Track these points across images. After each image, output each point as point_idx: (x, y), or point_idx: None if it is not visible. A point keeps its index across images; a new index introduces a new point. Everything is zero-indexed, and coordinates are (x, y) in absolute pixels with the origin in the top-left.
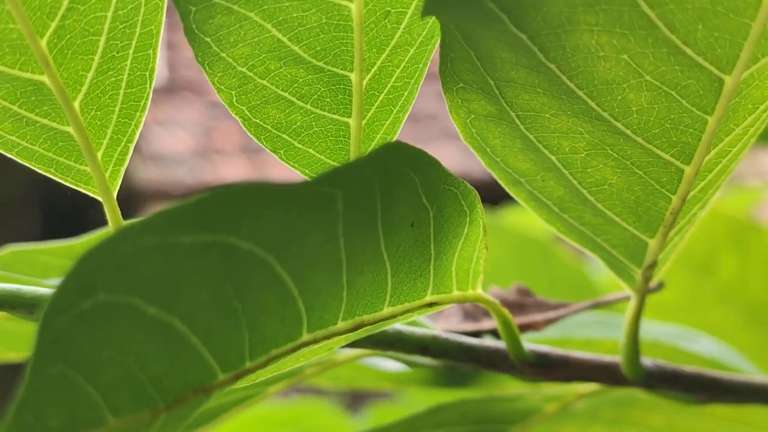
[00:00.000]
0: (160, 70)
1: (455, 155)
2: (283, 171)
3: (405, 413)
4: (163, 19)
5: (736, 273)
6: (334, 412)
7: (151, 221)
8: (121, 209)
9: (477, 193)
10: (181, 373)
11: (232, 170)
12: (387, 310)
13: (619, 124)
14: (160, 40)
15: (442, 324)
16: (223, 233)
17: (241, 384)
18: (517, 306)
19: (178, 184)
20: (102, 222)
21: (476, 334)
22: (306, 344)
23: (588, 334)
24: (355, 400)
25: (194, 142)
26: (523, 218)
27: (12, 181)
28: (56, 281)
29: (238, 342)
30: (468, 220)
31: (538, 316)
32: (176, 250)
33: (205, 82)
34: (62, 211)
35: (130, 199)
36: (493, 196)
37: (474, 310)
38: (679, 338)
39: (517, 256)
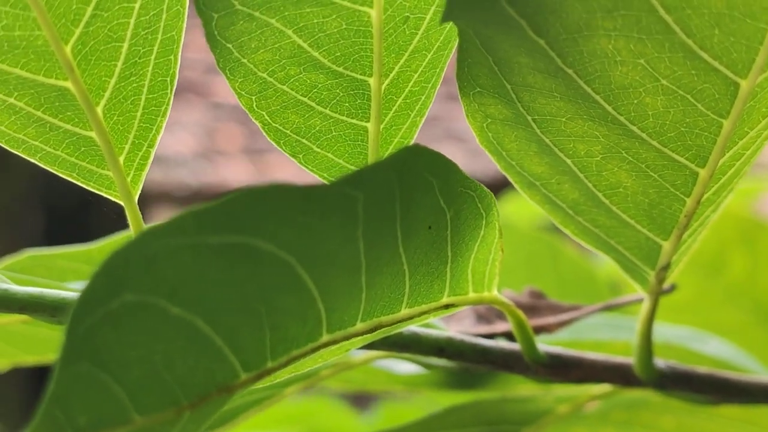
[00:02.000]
0: None
1: (458, 157)
2: (286, 173)
3: (415, 412)
4: (184, 25)
5: (745, 272)
6: (342, 410)
7: (179, 221)
8: (123, 210)
9: (493, 195)
10: (205, 372)
11: (235, 172)
12: (404, 312)
13: (635, 128)
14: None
15: (455, 327)
16: (248, 234)
17: (260, 384)
18: (530, 308)
19: (181, 185)
20: (106, 222)
21: (489, 336)
22: (325, 345)
23: (599, 336)
24: (361, 397)
25: (197, 144)
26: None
27: (16, 182)
28: (79, 284)
29: (260, 342)
30: (484, 222)
31: (550, 319)
32: (203, 250)
33: (208, 83)
34: (66, 212)
35: None
36: (497, 196)
37: (487, 313)
38: (690, 340)
39: (525, 254)
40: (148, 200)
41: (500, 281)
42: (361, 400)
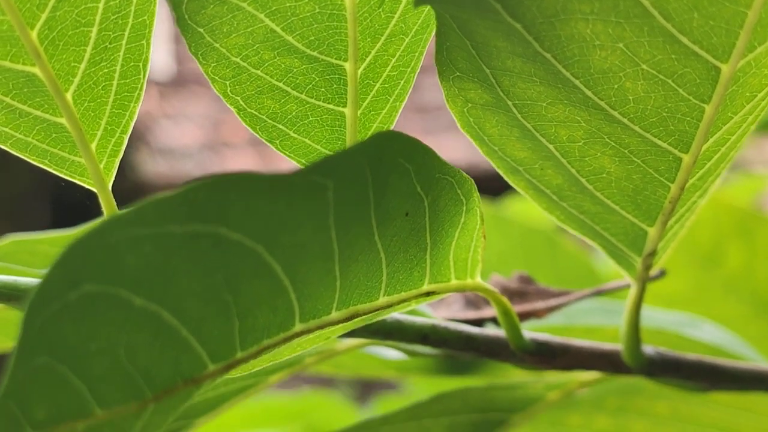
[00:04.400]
0: (168, 63)
1: (462, 147)
2: (293, 163)
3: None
4: (156, 9)
5: (742, 263)
6: (342, 404)
7: (140, 211)
8: (129, 203)
9: (473, 182)
10: (171, 363)
11: (241, 163)
12: (383, 300)
13: (616, 113)
14: (166, 31)
15: (443, 312)
16: (213, 223)
17: (238, 373)
18: (518, 294)
19: (187, 177)
20: None
21: (478, 321)
22: (299, 334)
23: (591, 322)
24: (365, 392)
25: (203, 135)
26: (525, 207)
27: (21, 176)
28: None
29: (228, 332)
30: (464, 209)
31: (539, 304)
32: (166, 239)
33: None
34: (72, 205)
35: (139, 192)
36: (500, 187)
37: (475, 298)
38: (683, 325)
39: (522, 248)
40: (154, 192)
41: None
42: (365, 396)
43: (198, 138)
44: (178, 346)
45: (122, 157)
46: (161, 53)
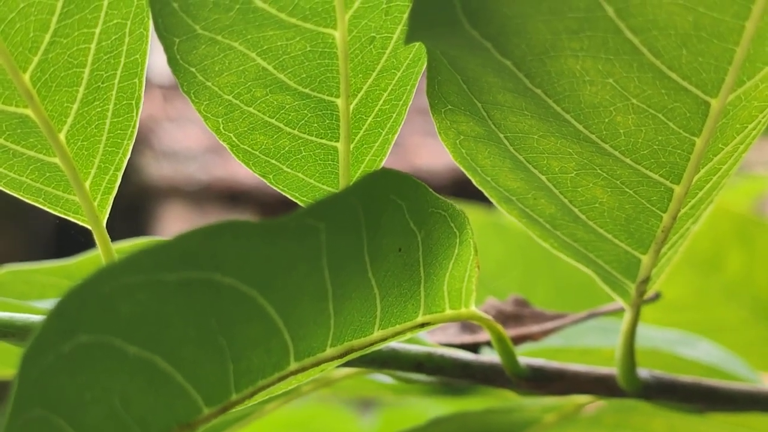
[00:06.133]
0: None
1: None
2: None
3: (415, 415)
4: (149, 47)
5: (742, 269)
6: (344, 414)
7: (134, 259)
8: (134, 206)
9: (466, 214)
10: (166, 409)
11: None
12: (377, 334)
13: (607, 146)
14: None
15: (439, 337)
16: (206, 270)
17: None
18: (514, 317)
19: (191, 180)
20: (116, 222)
21: (474, 346)
22: (294, 372)
23: (588, 342)
24: (368, 401)
25: (206, 138)
26: None
27: None
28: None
29: (222, 375)
30: (458, 241)
31: (535, 327)
32: (159, 287)
33: None
34: None
35: (143, 195)
36: None
37: (471, 323)
38: (679, 344)
39: (521, 256)
40: (159, 196)
41: (498, 286)
42: (370, 405)
43: (201, 141)
44: (172, 391)
45: (126, 161)
46: (165, 56)
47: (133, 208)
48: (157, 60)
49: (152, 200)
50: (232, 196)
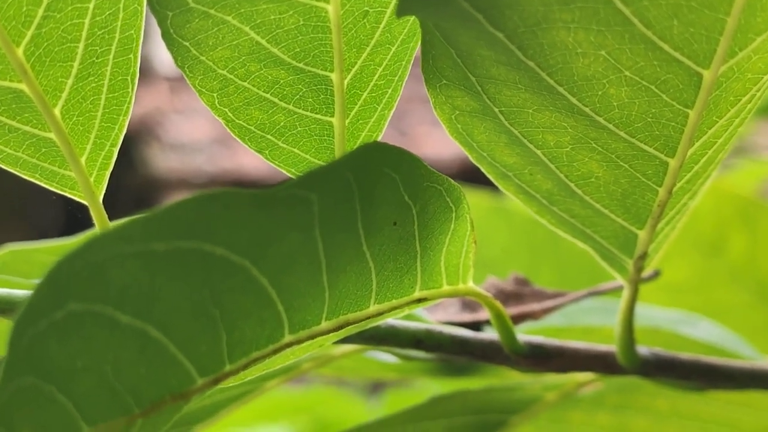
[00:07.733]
0: None
1: None
2: None
3: (418, 398)
4: (143, 24)
5: (746, 251)
6: (351, 398)
7: (125, 229)
8: (141, 198)
9: (462, 189)
10: (158, 379)
11: (252, 157)
12: (373, 308)
13: (601, 119)
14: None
15: (440, 315)
16: (197, 239)
17: (230, 383)
18: (514, 296)
19: (199, 172)
20: (121, 214)
21: (475, 324)
22: (289, 345)
23: (589, 321)
24: (376, 385)
25: (213, 130)
26: None
27: None
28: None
29: (215, 346)
30: (454, 216)
31: (535, 306)
32: (151, 257)
33: None
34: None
35: (150, 187)
36: None
37: (471, 301)
38: (679, 323)
39: (526, 240)
40: (166, 188)
41: (502, 267)
42: (378, 388)
43: (208, 132)
44: (165, 361)
45: (133, 153)
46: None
47: (141, 199)
48: (163, 52)
49: (159, 192)
50: (239, 187)
